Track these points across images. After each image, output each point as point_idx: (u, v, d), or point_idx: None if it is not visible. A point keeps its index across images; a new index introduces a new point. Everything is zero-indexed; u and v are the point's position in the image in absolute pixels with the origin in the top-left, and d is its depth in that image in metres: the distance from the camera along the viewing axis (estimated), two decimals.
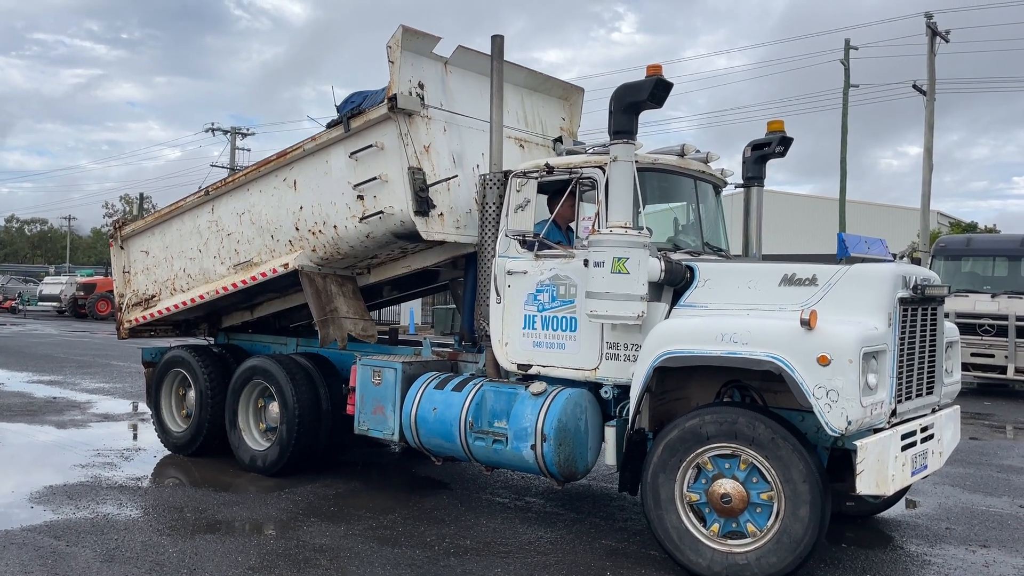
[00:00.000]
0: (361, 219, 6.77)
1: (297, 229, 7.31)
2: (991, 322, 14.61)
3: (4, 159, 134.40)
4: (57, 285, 41.55)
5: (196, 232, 8.22)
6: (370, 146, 6.65)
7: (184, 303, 8.26)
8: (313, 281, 7.24)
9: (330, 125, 6.97)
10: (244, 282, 7.71)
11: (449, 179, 6.61)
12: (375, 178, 6.61)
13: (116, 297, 9.17)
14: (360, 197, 6.77)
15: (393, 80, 6.40)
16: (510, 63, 7.32)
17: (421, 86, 6.63)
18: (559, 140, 7.79)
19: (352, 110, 6.74)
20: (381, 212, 6.61)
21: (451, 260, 7.21)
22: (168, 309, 8.45)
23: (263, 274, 7.53)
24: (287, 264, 7.32)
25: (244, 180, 7.77)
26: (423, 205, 6.39)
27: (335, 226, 7.02)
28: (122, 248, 9.06)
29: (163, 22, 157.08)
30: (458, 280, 7.92)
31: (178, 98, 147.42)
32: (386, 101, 6.41)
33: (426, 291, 9.39)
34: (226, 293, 7.91)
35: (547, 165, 6.13)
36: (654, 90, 5.36)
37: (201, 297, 8.10)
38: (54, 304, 40.61)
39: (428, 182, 6.45)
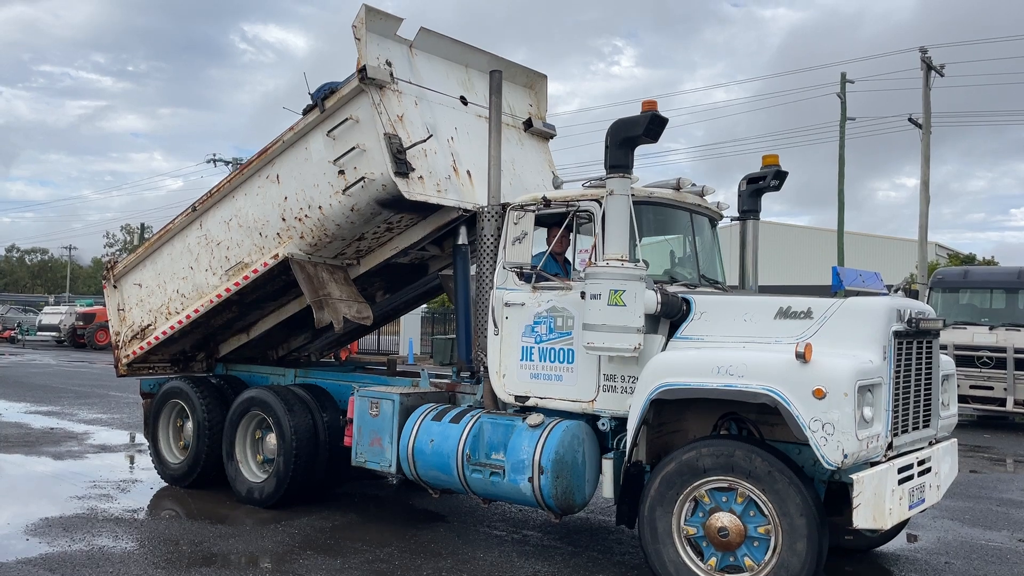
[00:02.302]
0: (344, 191, 6.86)
1: (284, 220, 7.38)
2: (989, 354, 14.61)
3: (7, 189, 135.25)
4: (56, 315, 41.50)
5: (186, 251, 8.26)
6: (346, 120, 6.80)
7: (180, 322, 8.23)
8: (304, 268, 7.29)
9: (306, 111, 7.13)
10: (237, 284, 7.71)
11: (425, 140, 6.76)
12: (354, 148, 6.73)
13: (112, 336, 9.09)
14: (341, 172, 6.88)
15: (361, 54, 6.61)
16: (472, 47, 7.64)
17: (389, 63, 6.82)
18: (529, 122, 7.96)
19: (325, 92, 6.94)
20: (363, 178, 6.70)
21: (437, 234, 7.25)
22: (165, 333, 8.41)
23: (255, 271, 7.56)
24: (277, 255, 7.37)
25: (229, 187, 7.86)
26: (402, 166, 6.53)
27: (320, 207, 7.10)
28: (115, 287, 9.06)
29: (169, 55, 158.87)
30: (447, 276, 8.01)
31: (181, 129, 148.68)
32: (356, 74, 6.60)
33: (420, 295, 9.37)
34: (220, 301, 7.88)
35: (544, 198, 6.19)
36: (649, 125, 5.44)
37: (196, 311, 8.07)
38: (53, 334, 40.54)
39: (404, 145, 6.61)
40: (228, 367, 9.10)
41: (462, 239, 7.11)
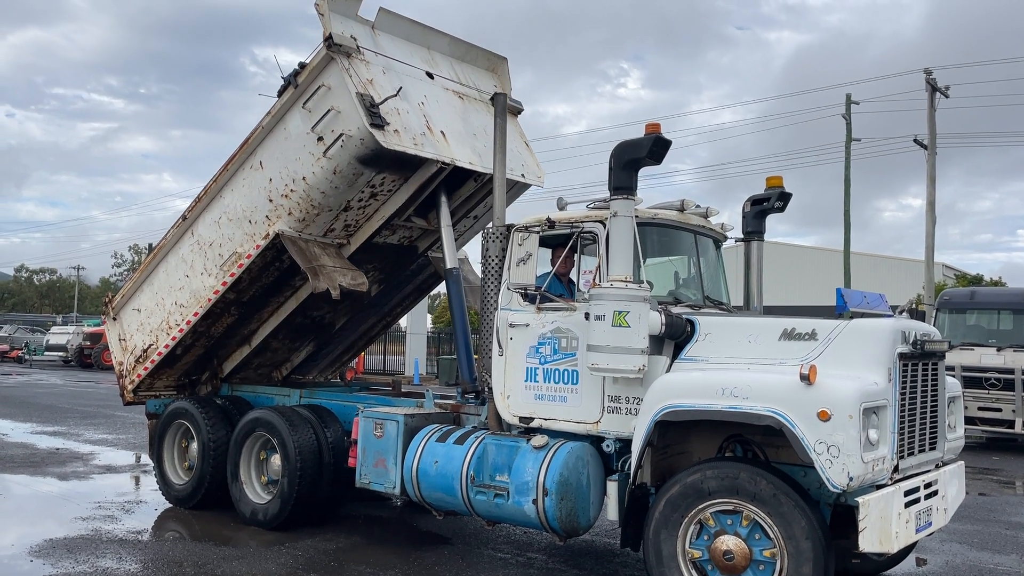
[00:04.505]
0: (325, 154, 7.05)
1: (271, 201, 7.51)
2: (997, 376, 14.53)
3: (17, 210, 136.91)
4: (64, 335, 41.64)
5: (181, 261, 8.33)
6: (319, 88, 7.05)
7: (181, 330, 8.25)
8: (296, 242, 7.42)
9: (280, 93, 7.37)
10: (232, 275, 7.77)
11: (395, 94, 7.02)
12: (329, 110, 6.98)
13: (116, 366, 9.07)
14: (320, 139, 7.08)
15: (326, 27, 6.86)
16: (432, 29, 7.94)
17: (354, 38, 7.07)
18: (495, 97, 8.17)
19: (296, 70, 7.21)
20: (341, 135, 6.91)
21: (420, 195, 7.44)
22: (167, 346, 8.41)
23: (248, 256, 7.66)
24: (267, 234, 7.50)
25: (216, 187, 8.00)
26: (377, 119, 6.76)
27: (304, 177, 7.26)
28: (115, 319, 9.10)
29: (181, 78, 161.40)
30: (437, 257, 8.20)
31: (191, 150, 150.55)
32: (323, 43, 6.86)
33: (416, 290, 9.45)
34: (218, 298, 7.91)
35: (548, 220, 6.21)
36: (653, 147, 5.47)
37: (195, 315, 8.09)
38: (60, 354, 40.67)
39: (376, 101, 6.85)
40: (233, 388, 9.11)
41: (444, 212, 7.44)
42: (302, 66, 7.15)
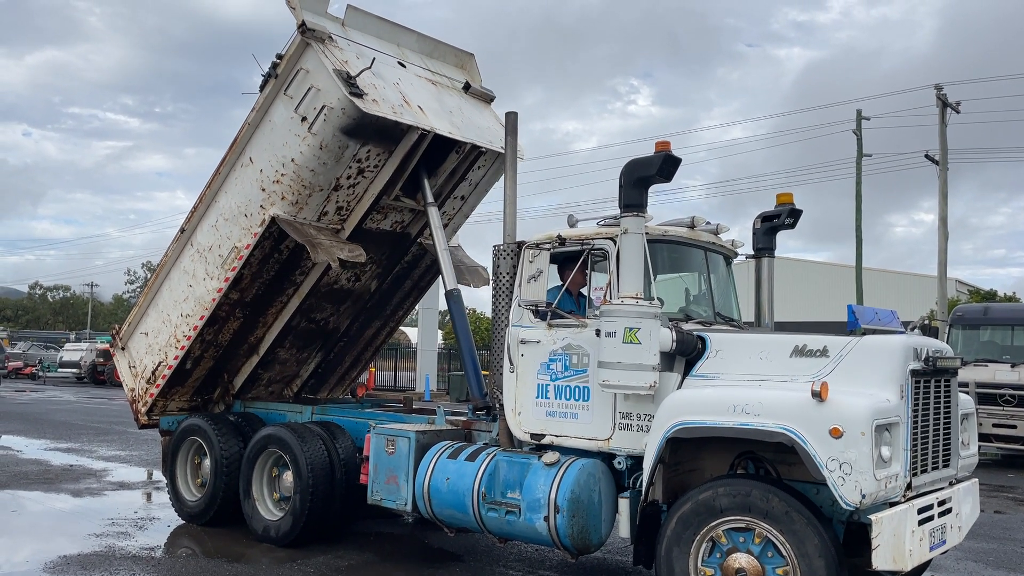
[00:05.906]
0: (309, 130, 7.31)
1: (263, 190, 7.69)
2: (1012, 392, 14.41)
3: (32, 228, 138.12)
4: (77, 352, 41.93)
5: (184, 274, 8.43)
6: (298, 73, 7.35)
7: (189, 337, 8.31)
8: (292, 224, 7.59)
9: (262, 88, 7.61)
10: (234, 269, 7.88)
11: (369, 66, 7.27)
12: (309, 89, 7.26)
13: (128, 392, 9.09)
14: (304, 119, 7.34)
15: (297, 16, 7.16)
16: (401, 26, 8.25)
17: (325, 31, 7.35)
18: (467, 85, 8.57)
19: (273, 62, 7.48)
20: (324, 108, 7.17)
21: (406, 168, 7.69)
22: (176, 358, 8.46)
23: (247, 246, 7.79)
24: (263, 220, 7.65)
25: (211, 194, 8.18)
26: (355, 88, 7.02)
27: (292, 159, 7.47)
28: (123, 349, 9.17)
29: (196, 97, 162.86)
30: (430, 244, 8.38)
31: (205, 168, 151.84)
32: (297, 30, 7.16)
33: (414, 288, 9.53)
34: (221, 297, 8.00)
35: (559, 237, 6.24)
36: (663, 165, 5.50)
37: (202, 319, 8.16)
38: (74, 371, 40.91)
39: (353, 74, 7.12)
40: (246, 405, 9.14)
41: (429, 198, 7.84)
42: (280, 57, 7.40)
